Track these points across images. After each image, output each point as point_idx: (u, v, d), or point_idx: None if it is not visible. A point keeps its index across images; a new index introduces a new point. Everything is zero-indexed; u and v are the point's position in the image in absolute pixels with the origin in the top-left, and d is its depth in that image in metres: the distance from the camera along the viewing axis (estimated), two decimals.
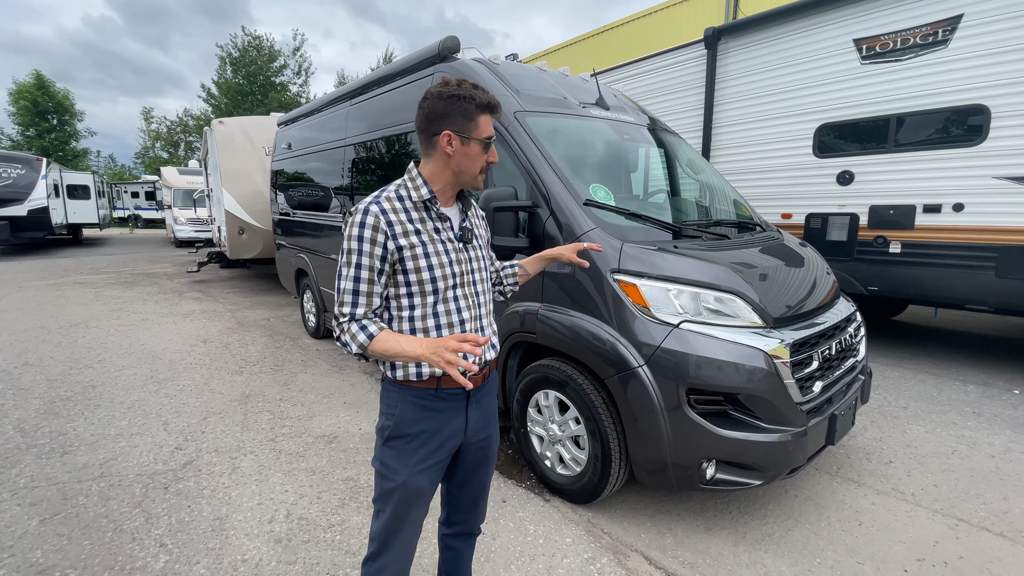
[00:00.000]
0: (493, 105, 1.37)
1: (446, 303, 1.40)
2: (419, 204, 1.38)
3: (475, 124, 1.35)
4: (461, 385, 1.20)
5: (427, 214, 1.39)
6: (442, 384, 1.41)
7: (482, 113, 1.36)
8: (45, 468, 3.00)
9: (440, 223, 1.41)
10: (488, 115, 1.37)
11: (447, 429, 1.44)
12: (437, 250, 1.37)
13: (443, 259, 1.38)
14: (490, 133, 1.38)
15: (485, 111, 1.36)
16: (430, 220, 1.39)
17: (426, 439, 1.43)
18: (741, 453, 2.18)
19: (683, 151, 3.92)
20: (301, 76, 29.76)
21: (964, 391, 4.21)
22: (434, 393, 1.42)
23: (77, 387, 4.31)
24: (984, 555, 2.28)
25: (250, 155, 8.54)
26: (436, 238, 1.38)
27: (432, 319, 1.39)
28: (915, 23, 4.47)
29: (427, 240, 1.37)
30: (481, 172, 1.41)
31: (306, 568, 2.19)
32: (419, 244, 1.35)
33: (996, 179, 4.18)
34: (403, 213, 1.36)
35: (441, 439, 1.44)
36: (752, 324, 2.31)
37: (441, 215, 1.41)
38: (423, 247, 1.35)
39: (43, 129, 31.24)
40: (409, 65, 3.85)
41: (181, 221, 16.39)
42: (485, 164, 1.41)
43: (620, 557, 2.27)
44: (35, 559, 2.23)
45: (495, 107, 1.38)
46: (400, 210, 1.35)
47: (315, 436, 3.44)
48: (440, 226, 1.41)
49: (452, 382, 1.41)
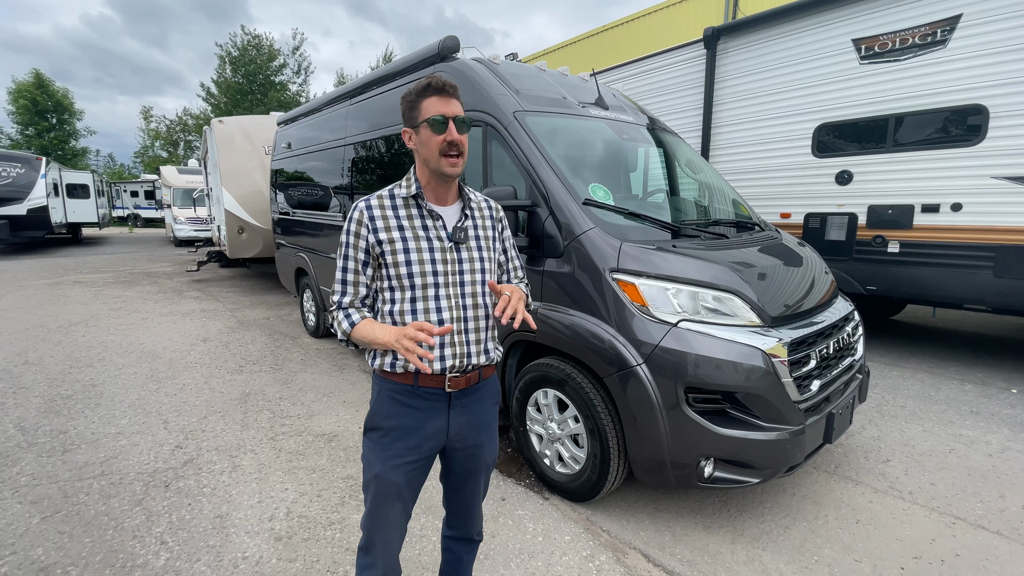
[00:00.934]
0: (432, 86, 1.35)
1: (425, 300, 1.40)
2: (408, 201, 1.42)
3: (418, 111, 1.37)
4: (423, 371, 1.26)
5: (416, 211, 1.42)
6: (419, 381, 1.42)
7: (423, 98, 1.36)
8: (46, 466, 3.01)
9: (431, 220, 1.42)
10: (432, 96, 1.35)
11: (425, 429, 1.44)
12: (420, 247, 1.39)
13: (424, 256, 1.39)
14: (437, 112, 1.34)
15: (424, 94, 1.36)
16: (419, 217, 1.42)
17: (401, 435, 1.43)
18: (739, 451, 2.20)
19: (682, 151, 3.93)
20: (300, 75, 29.76)
21: (962, 390, 4.22)
22: (411, 390, 1.42)
23: (77, 386, 4.32)
24: (981, 553, 2.29)
25: (250, 154, 8.55)
26: (422, 235, 1.40)
27: (410, 315, 1.40)
28: (914, 23, 4.48)
29: (410, 236, 1.39)
30: (444, 155, 1.36)
31: (306, 565, 2.20)
32: (400, 240, 1.39)
33: (994, 179, 4.19)
34: (390, 210, 1.41)
35: (419, 438, 1.44)
36: (750, 323, 2.32)
37: (432, 212, 1.42)
38: (404, 243, 1.39)
39: (42, 128, 31.24)
40: (409, 64, 3.86)
41: (181, 220, 16.38)
42: (443, 143, 1.35)
43: (619, 555, 2.28)
44: (36, 557, 2.24)
45: (435, 86, 1.35)
46: (388, 207, 1.41)
47: (315, 435, 3.45)
48: (430, 223, 1.42)
49: (429, 380, 1.41)
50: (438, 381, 1.42)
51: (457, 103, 1.38)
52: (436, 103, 1.35)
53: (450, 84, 1.37)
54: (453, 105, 1.37)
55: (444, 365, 1.41)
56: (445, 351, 1.41)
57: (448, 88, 1.36)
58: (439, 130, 1.35)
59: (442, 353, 1.41)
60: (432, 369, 1.39)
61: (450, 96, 1.37)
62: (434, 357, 1.38)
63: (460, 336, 1.43)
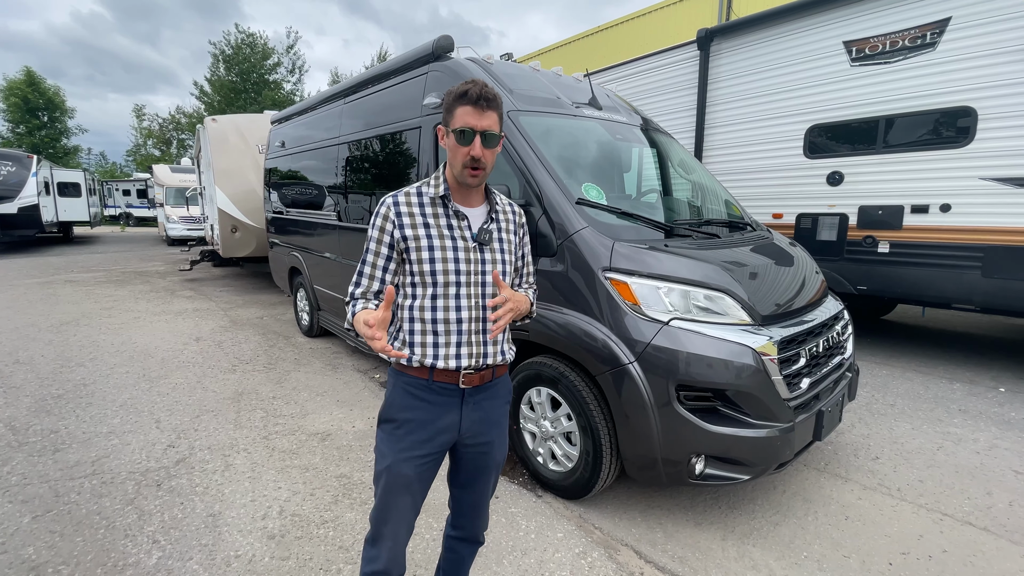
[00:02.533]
0: (469, 95, 1.32)
1: (446, 298, 1.41)
2: (436, 200, 1.43)
3: (451, 116, 1.37)
4: (399, 357, 1.35)
5: (443, 210, 1.43)
6: (434, 377, 1.43)
7: (458, 104, 1.34)
8: (37, 465, 2.99)
9: (456, 220, 1.43)
10: (467, 105, 1.33)
11: (438, 423, 1.45)
12: (444, 245, 1.40)
13: (448, 255, 1.40)
14: (466, 123, 1.32)
15: (459, 101, 1.34)
16: (444, 216, 1.43)
17: (414, 428, 1.44)
18: (730, 448, 2.22)
19: (675, 151, 3.95)
20: (295, 74, 29.65)
21: (950, 389, 4.27)
22: (426, 384, 1.44)
23: (69, 385, 4.29)
24: (968, 549, 2.32)
25: (243, 153, 8.51)
26: (447, 234, 1.41)
27: (430, 312, 1.42)
28: (904, 26, 4.53)
29: (435, 234, 1.40)
30: (466, 167, 1.36)
31: (299, 564, 2.20)
32: (425, 237, 1.40)
33: (982, 180, 4.24)
34: (417, 207, 1.42)
35: (431, 432, 1.45)
36: (741, 322, 2.34)
37: (458, 212, 1.43)
38: (428, 240, 1.40)
39: (34, 126, 30.95)
40: (403, 64, 3.86)
41: (173, 219, 16.26)
42: (467, 158, 1.35)
43: (611, 552, 2.30)
44: (27, 556, 2.23)
45: (471, 96, 1.32)
46: (415, 204, 1.43)
47: (308, 434, 3.45)
48: (455, 223, 1.43)
49: (444, 375, 1.43)
50: (452, 377, 1.44)
51: (493, 115, 1.35)
52: (468, 113, 1.33)
53: (488, 96, 1.33)
54: (486, 118, 1.34)
55: (460, 364, 1.42)
56: (462, 350, 1.42)
57: (483, 101, 1.32)
58: (464, 142, 1.34)
59: (458, 352, 1.42)
60: (448, 366, 1.42)
61: (485, 109, 1.33)
62: (392, 351, 1.34)
63: (478, 336, 1.44)
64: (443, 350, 1.42)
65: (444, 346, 1.42)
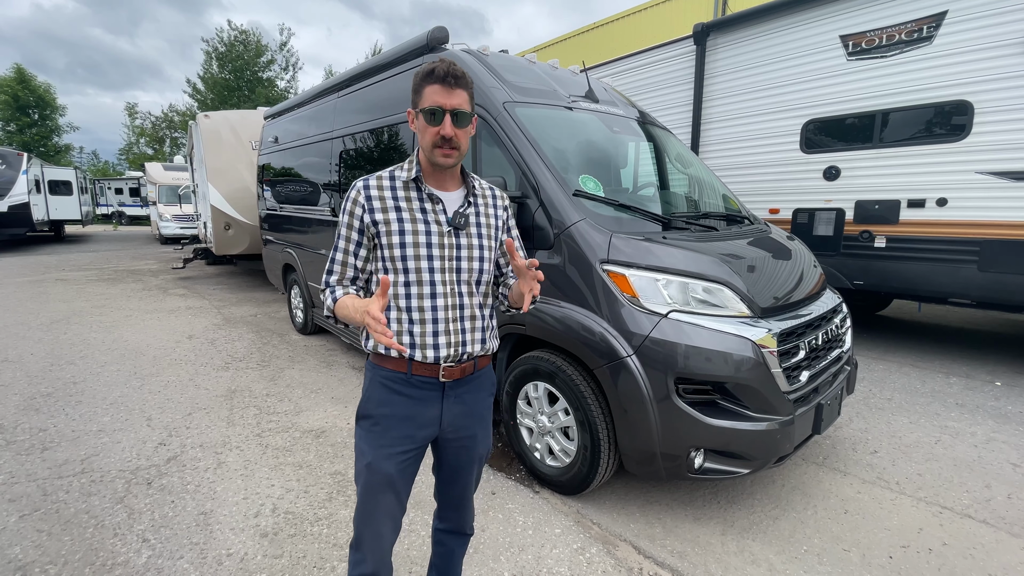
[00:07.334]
0: (436, 72, 1.28)
1: (419, 285, 1.36)
2: (408, 183, 1.39)
3: (420, 96, 1.32)
4: (400, 352, 1.30)
5: (416, 193, 1.39)
6: (413, 370, 1.39)
7: (426, 83, 1.30)
8: (25, 464, 2.93)
9: (431, 203, 1.39)
10: (434, 84, 1.28)
11: (418, 418, 1.41)
12: (416, 229, 1.36)
13: (420, 239, 1.36)
14: (435, 102, 1.28)
15: (426, 80, 1.29)
16: (418, 200, 1.38)
17: (393, 424, 1.40)
18: (729, 442, 2.19)
19: (672, 145, 3.93)
20: (289, 71, 29.44)
21: (947, 383, 4.27)
22: (404, 377, 1.39)
23: (58, 383, 4.23)
24: (967, 541, 2.31)
25: (236, 149, 8.43)
26: (419, 217, 1.37)
27: (404, 299, 1.37)
28: (901, 20, 4.52)
29: (407, 218, 1.36)
30: (436, 147, 1.31)
31: (292, 561, 2.16)
32: (396, 220, 1.36)
33: (978, 174, 4.24)
34: (389, 191, 1.38)
35: (411, 427, 1.41)
36: (740, 314, 2.31)
37: (432, 196, 1.39)
38: (400, 224, 1.35)
39: (24, 124, 30.63)
40: (397, 56, 3.81)
41: (166, 217, 16.16)
42: (436, 137, 1.30)
43: (609, 547, 2.27)
44: (14, 555, 2.18)
45: (438, 74, 1.28)
46: (387, 187, 1.39)
47: (302, 431, 3.40)
48: (429, 207, 1.39)
49: (423, 368, 1.39)
50: (432, 370, 1.39)
51: (462, 93, 1.30)
52: (437, 92, 1.28)
53: (456, 73, 1.29)
54: (455, 96, 1.29)
55: (439, 354, 1.37)
56: (440, 340, 1.38)
57: (451, 78, 1.28)
58: (433, 121, 1.30)
59: (436, 342, 1.37)
60: (426, 357, 1.37)
61: (453, 87, 1.29)
62: (404, 348, 1.29)
63: (456, 324, 1.40)
64: (419, 339, 1.36)
65: (420, 335, 1.36)
